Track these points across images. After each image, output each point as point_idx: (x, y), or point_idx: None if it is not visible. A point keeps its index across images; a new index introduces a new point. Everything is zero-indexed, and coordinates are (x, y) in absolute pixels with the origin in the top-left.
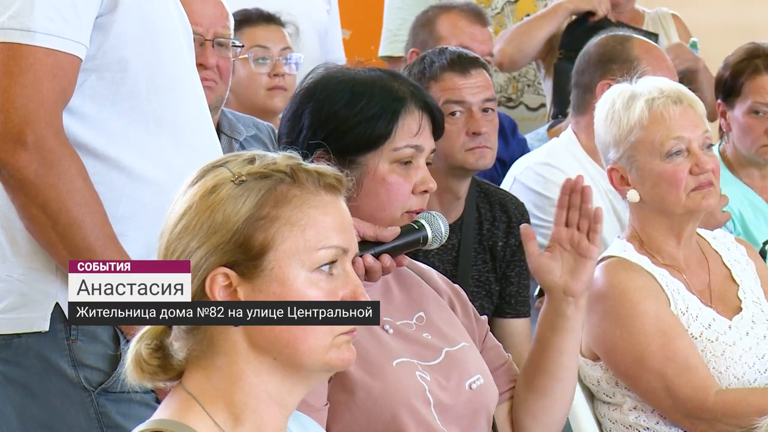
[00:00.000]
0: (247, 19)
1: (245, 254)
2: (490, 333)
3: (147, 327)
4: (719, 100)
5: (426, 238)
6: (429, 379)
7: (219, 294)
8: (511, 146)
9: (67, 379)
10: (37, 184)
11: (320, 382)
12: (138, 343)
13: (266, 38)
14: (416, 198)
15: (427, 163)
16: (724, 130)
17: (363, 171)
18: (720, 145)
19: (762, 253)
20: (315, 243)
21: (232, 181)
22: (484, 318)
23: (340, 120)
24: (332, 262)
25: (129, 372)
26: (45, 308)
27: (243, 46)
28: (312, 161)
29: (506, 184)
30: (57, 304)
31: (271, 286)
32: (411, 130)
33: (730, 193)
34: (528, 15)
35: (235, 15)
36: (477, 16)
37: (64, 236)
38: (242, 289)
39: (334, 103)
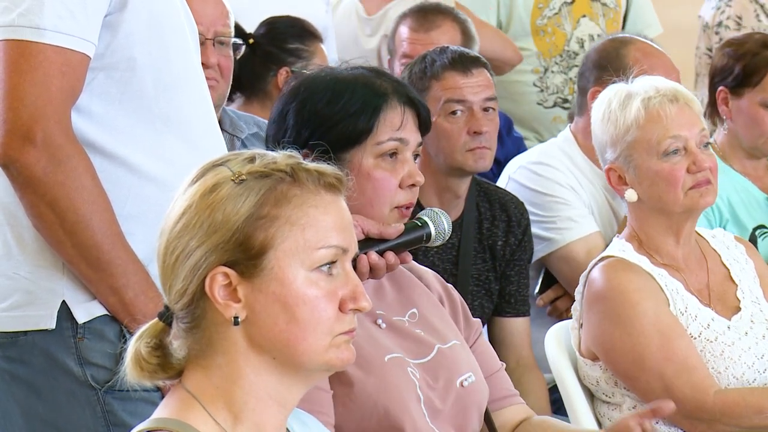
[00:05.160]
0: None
1: (245, 253)
2: (483, 338)
3: (147, 325)
4: (722, 87)
5: (429, 235)
6: (419, 376)
7: (219, 293)
8: (507, 145)
9: (73, 377)
10: (46, 182)
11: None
12: (137, 342)
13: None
14: (404, 192)
15: (416, 156)
16: (724, 117)
17: (348, 167)
18: (711, 138)
19: (752, 240)
20: (315, 242)
21: (233, 180)
22: (477, 321)
23: (323, 118)
24: (332, 262)
25: (128, 370)
26: (51, 306)
27: (243, 44)
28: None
29: (501, 184)
30: (64, 302)
31: (270, 285)
32: (393, 124)
33: (720, 181)
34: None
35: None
36: (421, 17)
37: (71, 234)
38: (242, 288)
39: (316, 102)
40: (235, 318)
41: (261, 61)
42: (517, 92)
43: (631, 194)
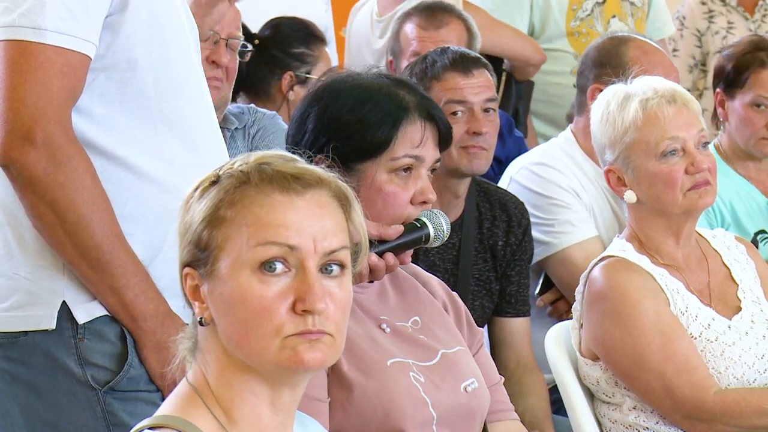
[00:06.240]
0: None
1: (201, 254)
2: (485, 349)
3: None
4: (718, 90)
5: (428, 236)
6: (423, 380)
7: (189, 292)
8: (508, 144)
9: (73, 377)
10: (46, 182)
11: (319, 376)
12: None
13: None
14: (414, 208)
15: (433, 170)
16: (721, 119)
17: (361, 178)
18: (715, 138)
19: (754, 243)
20: (253, 240)
21: (210, 180)
22: (480, 330)
23: (343, 125)
24: (283, 263)
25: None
26: (52, 306)
27: (251, 49)
28: (314, 163)
29: (503, 184)
30: (64, 302)
31: (217, 286)
32: (413, 141)
33: (722, 184)
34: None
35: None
36: (429, 15)
37: (72, 235)
38: (203, 288)
39: (338, 108)
40: (200, 318)
41: (265, 64)
42: (556, 95)
43: (630, 195)
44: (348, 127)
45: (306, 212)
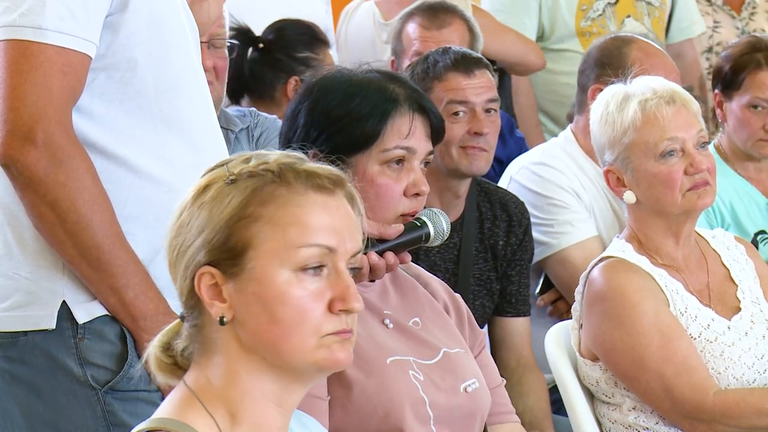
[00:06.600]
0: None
1: (228, 253)
2: (487, 351)
3: (171, 324)
4: (716, 91)
5: (428, 235)
6: (422, 379)
7: (205, 292)
8: (509, 145)
9: (73, 377)
10: (46, 182)
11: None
12: (155, 341)
13: None
14: (408, 201)
15: (426, 163)
16: (720, 120)
17: (352, 172)
18: (715, 139)
19: (753, 244)
20: (296, 242)
21: (224, 180)
22: (483, 331)
23: (332, 119)
24: (320, 264)
25: (153, 371)
26: (52, 306)
27: (238, 44)
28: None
29: (503, 184)
30: (64, 302)
31: (250, 285)
32: (401, 132)
33: (722, 184)
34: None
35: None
36: (432, 15)
37: (72, 234)
38: (227, 288)
39: (327, 102)
40: (221, 318)
41: (270, 68)
42: (565, 94)
43: (629, 196)
44: (337, 120)
45: (337, 212)
